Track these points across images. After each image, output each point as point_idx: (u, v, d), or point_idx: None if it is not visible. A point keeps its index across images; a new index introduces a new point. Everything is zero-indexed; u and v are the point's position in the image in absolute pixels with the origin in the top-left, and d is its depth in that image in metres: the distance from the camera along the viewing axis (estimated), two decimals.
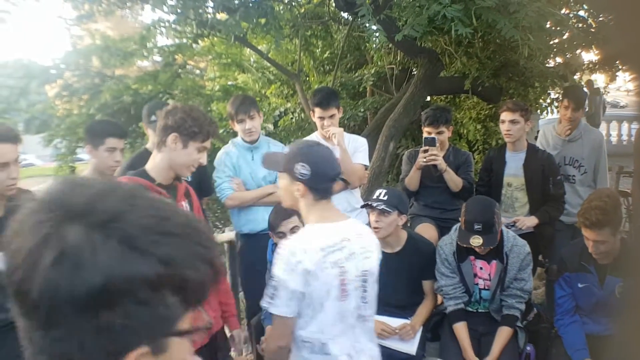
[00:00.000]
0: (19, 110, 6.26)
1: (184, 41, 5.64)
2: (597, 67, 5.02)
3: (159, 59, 6.47)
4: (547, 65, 5.05)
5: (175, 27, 5.00)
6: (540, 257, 3.60)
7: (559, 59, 4.69)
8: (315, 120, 3.28)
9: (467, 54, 5.21)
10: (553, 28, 3.68)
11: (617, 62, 4.71)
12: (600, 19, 3.77)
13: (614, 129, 12.28)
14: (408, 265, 2.86)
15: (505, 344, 2.72)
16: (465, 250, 2.79)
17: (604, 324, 2.72)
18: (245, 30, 4.62)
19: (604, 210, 2.49)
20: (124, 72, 6.63)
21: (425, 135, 3.40)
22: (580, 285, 2.75)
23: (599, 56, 4.76)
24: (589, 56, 4.97)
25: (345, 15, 5.82)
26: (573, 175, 3.71)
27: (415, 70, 5.87)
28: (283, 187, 1.96)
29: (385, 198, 2.73)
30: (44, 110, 6.36)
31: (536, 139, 4.19)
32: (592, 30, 3.85)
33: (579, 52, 4.40)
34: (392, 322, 2.78)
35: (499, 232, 2.73)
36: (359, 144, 3.34)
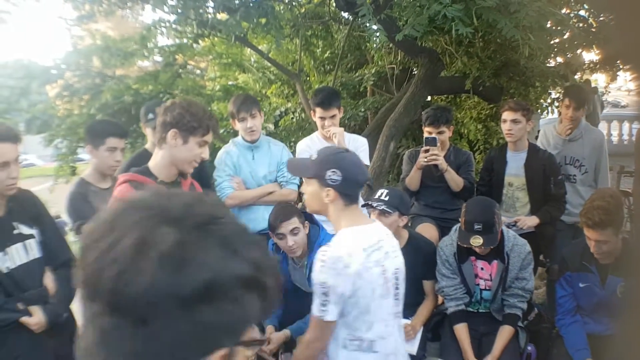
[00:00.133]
0: (19, 111, 6.26)
1: (185, 41, 5.63)
2: (597, 66, 5.02)
3: (159, 59, 6.46)
4: (548, 65, 5.05)
5: (176, 27, 5.00)
6: (541, 257, 3.60)
7: (559, 59, 4.68)
8: (316, 120, 3.28)
9: (467, 54, 5.20)
10: (554, 28, 3.67)
11: (617, 61, 4.70)
12: (601, 18, 3.77)
13: (614, 128, 12.26)
14: (409, 265, 2.83)
15: (507, 343, 2.72)
16: (466, 250, 2.79)
17: (605, 324, 2.71)
18: (245, 30, 4.61)
19: (606, 210, 2.48)
20: (124, 72, 6.62)
21: (426, 135, 3.40)
22: (581, 285, 2.74)
23: (600, 56, 4.75)
24: (590, 56, 4.98)
25: (346, 15, 5.82)
26: (574, 175, 3.71)
27: (415, 70, 5.87)
28: (310, 192, 1.95)
29: (387, 198, 2.73)
30: (45, 110, 6.35)
31: (537, 138, 4.19)
32: (593, 30, 3.85)
33: (579, 51, 4.39)
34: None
35: (500, 232, 2.72)
36: (359, 144, 3.34)
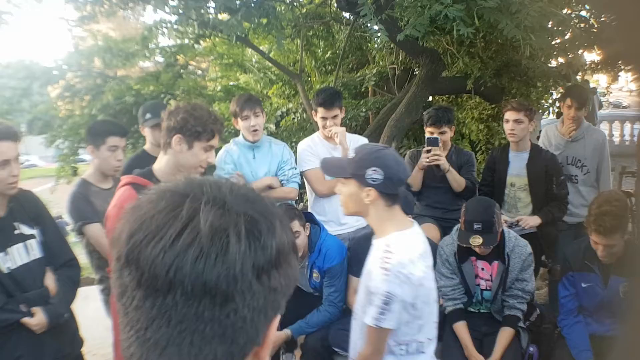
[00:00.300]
0: (21, 111, 6.28)
1: (186, 42, 5.63)
2: (599, 67, 5.01)
3: (160, 59, 6.46)
4: (550, 65, 5.05)
5: (177, 27, 5.01)
6: (543, 258, 3.59)
7: (561, 59, 4.67)
8: (318, 120, 3.27)
9: (469, 54, 5.20)
10: (555, 28, 3.67)
11: (619, 62, 4.69)
12: (602, 19, 3.76)
13: (616, 129, 12.24)
14: None
15: (507, 345, 2.72)
16: (467, 250, 2.78)
17: (607, 325, 2.71)
18: (247, 30, 4.62)
19: (616, 215, 2.48)
20: (126, 73, 6.63)
21: (427, 135, 3.40)
22: (584, 284, 2.74)
23: (601, 56, 4.74)
24: (591, 56, 4.97)
25: (347, 15, 5.82)
26: (575, 175, 3.70)
27: (417, 70, 5.86)
28: (348, 193, 1.86)
29: None
30: (46, 111, 6.36)
31: (538, 139, 4.19)
32: (594, 31, 3.84)
33: (580, 52, 4.39)
34: None
35: (500, 233, 2.72)
36: (360, 144, 3.34)
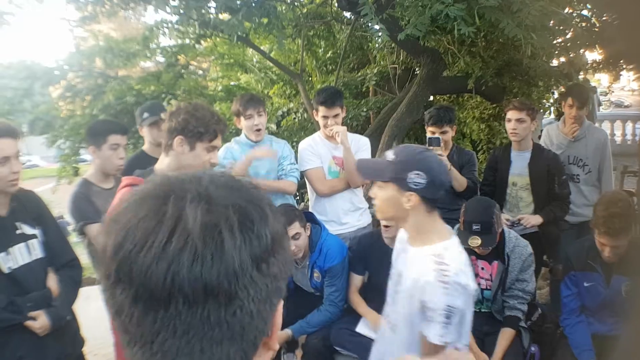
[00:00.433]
0: (22, 112, 6.29)
1: (187, 42, 5.64)
2: (601, 66, 5.00)
3: (161, 59, 6.47)
4: (551, 65, 5.04)
5: (178, 27, 5.01)
6: (544, 257, 3.59)
7: (562, 59, 4.67)
8: (319, 119, 3.27)
9: (470, 53, 5.20)
10: (556, 27, 3.66)
11: (621, 61, 4.68)
12: (604, 18, 3.76)
13: (618, 128, 12.22)
14: None
15: (508, 345, 2.71)
16: (467, 250, 2.78)
17: (609, 324, 2.71)
18: (248, 30, 4.62)
19: (623, 216, 2.48)
20: (127, 73, 6.64)
21: (429, 135, 3.39)
22: (586, 284, 2.73)
23: (603, 56, 4.74)
24: (593, 55, 4.96)
25: (348, 14, 5.83)
26: (577, 175, 3.70)
27: (418, 69, 5.86)
28: (385, 197, 1.76)
29: None
30: (48, 111, 6.37)
31: (539, 138, 4.18)
32: (596, 30, 3.83)
33: (582, 51, 4.38)
34: None
35: (499, 233, 2.71)
36: (361, 144, 3.34)
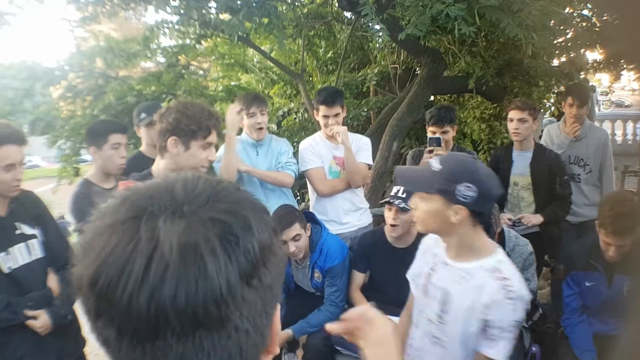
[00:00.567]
0: (23, 112, 6.28)
1: (187, 42, 5.64)
2: (601, 66, 5.00)
3: (162, 59, 6.47)
4: (552, 64, 5.04)
5: (179, 27, 5.02)
6: (545, 257, 3.59)
7: (563, 58, 4.67)
8: (319, 119, 3.27)
9: (470, 53, 5.20)
10: (557, 27, 3.66)
11: (621, 61, 4.68)
12: (605, 18, 3.76)
13: (618, 128, 12.22)
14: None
15: None
16: None
17: (610, 324, 2.70)
18: (248, 30, 4.62)
19: (630, 215, 2.49)
20: (127, 73, 6.65)
21: (429, 135, 3.39)
22: (588, 283, 2.73)
23: (604, 55, 4.73)
24: (593, 55, 4.96)
25: (349, 14, 5.83)
26: (578, 174, 3.69)
27: (418, 69, 5.86)
28: (430, 210, 1.65)
29: (404, 195, 2.74)
30: (49, 111, 6.37)
31: (540, 138, 4.18)
32: (597, 30, 3.83)
33: (583, 51, 4.38)
34: (396, 321, 2.78)
35: (498, 233, 2.71)
36: (362, 144, 3.34)
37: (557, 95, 6.08)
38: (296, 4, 5.32)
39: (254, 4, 3.82)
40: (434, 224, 1.68)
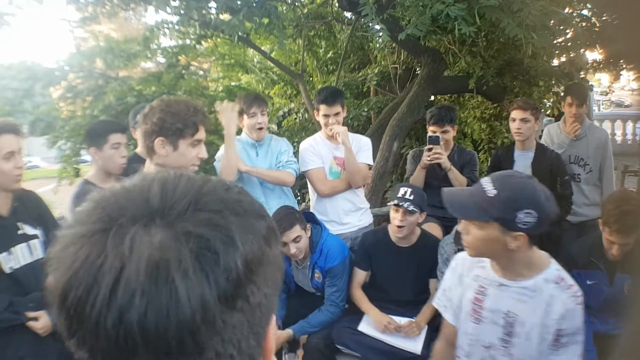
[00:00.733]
0: (23, 112, 6.29)
1: (188, 42, 5.66)
2: (601, 66, 5.01)
3: (162, 60, 6.49)
4: (552, 64, 5.04)
5: (179, 28, 5.03)
6: None
7: (563, 58, 4.68)
8: (320, 119, 3.27)
9: (470, 53, 5.21)
10: (557, 27, 3.67)
11: (621, 61, 4.68)
12: (604, 18, 3.76)
13: (618, 128, 12.22)
14: (418, 262, 2.88)
15: None
16: None
17: (611, 323, 2.70)
18: (248, 30, 4.63)
19: (635, 214, 2.49)
20: (127, 74, 6.65)
21: (429, 134, 3.40)
22: (589, 282, 2.73)
23: (603, 55, 4.74)
24: (593, 55, 4.96)
25: (349, 15, 5.84)
26: (578, 174, 3.69)
27: (418, 69, 5.87)
28: (484, 238, 1.55)
29: (412, 197, 2.76)
30: (48, 112, 6.38)
31: (540, 137, 4.18)
32: (596, 30, 3.84)
33: (582, 51, 4.39)
34: (397, 320, 2.78)
35: None
36: (362, 144, 3.34)
37: (555, 95, 6.09)
38: (296, 4, 5.33)
39: (254, 4, 3.82)
40: (489, 251, 1.60)
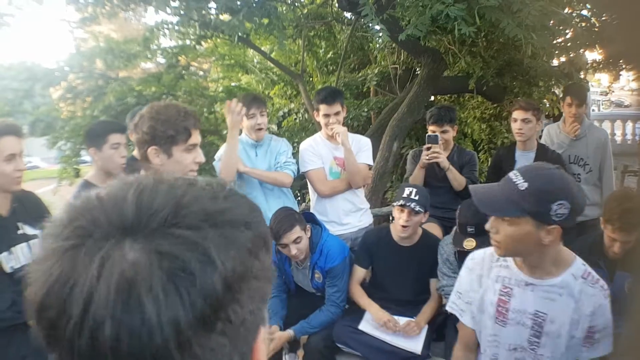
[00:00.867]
0: (23, 113, 6.30)
1: (188, 43, 5.66)
2: (601, 66, 5.01)
3: (162, 60, 6.49)
4: (551, 64, 5.05)
5: (179, 28, 5.03)
6: None
7: (563, 58, 4.69)
8: (320, 119, 3.27)
9: (470, 53, 5.21)
10: (556, 27, 3.67)
11: (620, 61, 4.69)
12: (604, 18, 3.76)
13: (618, 128, 12.22)
14: (419, 261, 2.88)
15: None
16: (468, 250, 2.78)
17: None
18: (248, 31, 4.63)
19: (637, 212, 2.49)
20: (127, 74, 6.66)
21: (428, 133, 3.40)
22: None
23: (603, 55, 4.74)
24: (593, 55, 4.97)
25: (349, 15, 5.84)
26: (578, 174, 3.70)
27: (418, 69, 5.87)
28: (517, 234, 1.49)
29: (417, 198, 2.78)
30: (48, 112, 6.40)
31: (540, 137, 4.19)
32: (596, 30, 3.84)
33: (582, 51, 4.39)
34: (397, 320, 2.79)
35: None
36: (362, 144, 3.34)
37: (554, 95, 6.10)
38: (296, 4, 5.33)
39: (254, 5, 3.83)
40: (522, 248, 1.54)
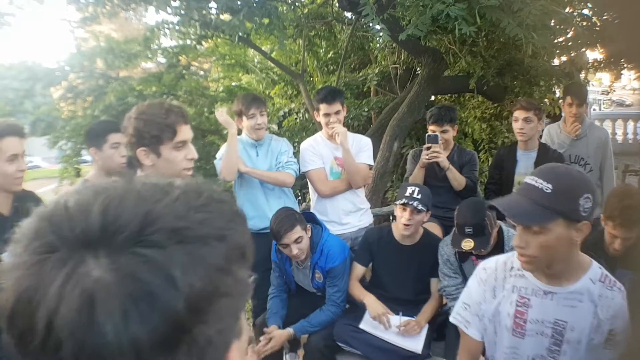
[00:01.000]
0: (24, 113, 6.30)
1: (188, 42, 5.66)
2: (602, 65, 5.00)
3: (163, 60, 6.49)
4: (552, 64, 5.04)
5: (179, 28, 5.03)
6: None
7: (563, 58, 4.68)
8: (320, 119, 3.27)
9: (471, 53, 5.20)
10: (557, 26, 3.67)
11: (622, 60, 4.68)
12: (605, 17, 3.76)
13: (619, 127, 12.22)
14: (420, 261, 2.88)
15: None
16: (467, 251, 2.78)
17: None
18: (249, 30, 4.63)
19: (638, 208, 2.49)
20: (128, 74, 6.65)
21: (428, 133, 3.40)
22: None
23: (604, 55, 4.74)
24: (594, 54, 4.96)
25: (349, 15, 5.84)
26: None
27: (419, 69, 5.87)
28: (551, 241, 1.42)
29: (419, 197, 2.78)
30: (49, 112, 6.39)
31: (541, 137, 4.18)
32: (597, 29, 3.84)
33: (583, 50, 4.39)
34: (396, 320, 2.78)
35: (493, 234, 2.70)
36: (363, 144, 3.34)
37: (553, 94, 6.09)
38: (297, 4, 5.33)
39: (254, 4, 3.83)
40: (557, 254, 1.46)
